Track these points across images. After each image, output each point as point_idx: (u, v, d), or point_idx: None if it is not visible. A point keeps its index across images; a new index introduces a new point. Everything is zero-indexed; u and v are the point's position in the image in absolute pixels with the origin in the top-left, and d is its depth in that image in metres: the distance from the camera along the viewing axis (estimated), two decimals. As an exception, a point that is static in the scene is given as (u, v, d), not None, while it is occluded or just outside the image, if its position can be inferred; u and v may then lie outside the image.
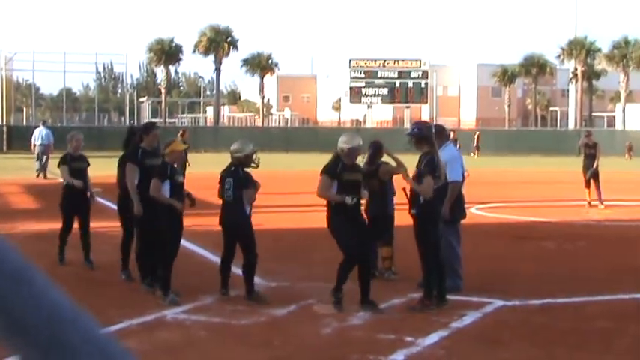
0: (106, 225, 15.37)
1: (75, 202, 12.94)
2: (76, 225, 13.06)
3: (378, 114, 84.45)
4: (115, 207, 12.58)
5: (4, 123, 66.99)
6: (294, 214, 19.95)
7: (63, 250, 13.07)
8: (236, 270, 12.33)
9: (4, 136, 60.45)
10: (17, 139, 56.52)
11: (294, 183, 24.67)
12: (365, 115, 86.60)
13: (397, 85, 73.70)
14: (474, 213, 21.52)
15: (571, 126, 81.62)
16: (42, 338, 1.02)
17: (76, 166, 12.93)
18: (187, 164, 19.88)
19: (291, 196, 24.59)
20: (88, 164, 13.21)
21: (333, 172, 10.18)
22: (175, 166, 10.82)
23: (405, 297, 10.62)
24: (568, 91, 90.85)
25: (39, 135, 34.40)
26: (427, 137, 10.38)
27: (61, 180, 13.40)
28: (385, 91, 74.13)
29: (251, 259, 10.50)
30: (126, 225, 11.81)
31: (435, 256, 10.17)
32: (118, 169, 11.85)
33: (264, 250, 11.23)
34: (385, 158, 11.99)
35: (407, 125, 79.29)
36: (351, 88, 73.70)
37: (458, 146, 32.96)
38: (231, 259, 10.76)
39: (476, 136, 62.61)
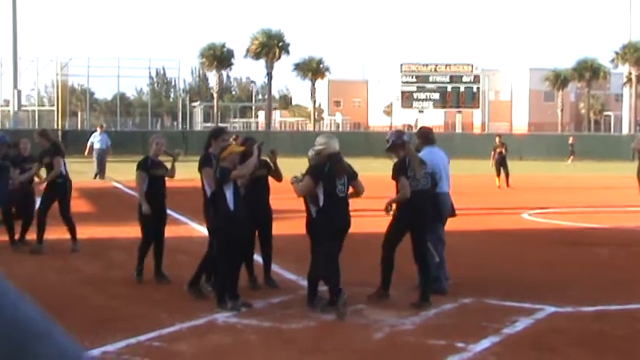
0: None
1: (154, 212, 12.05)
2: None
3: (429, 119, 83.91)
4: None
5: (60, 127, 67.79)
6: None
7: (142, 265, 12.14)
8: (284, 273, 12.38)
9: (60, 140, 61.19)
10: (72, 143, 57.19)
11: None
12: (416, 120, 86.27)
13: (449, 89, 73.29)
14: (526, 218, 21.37)
15: (625, 131, 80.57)
16: (12, 354, 0.99)
17: (155, 172, 12.21)
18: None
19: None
20: (167, 170, 12.44)
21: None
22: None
23: (456, 302, 10.56)
24: (622, 95, 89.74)
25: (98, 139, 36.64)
26: (396, 145, 10.82)
27: (118, 185, 13.36)
28: (437, 95, 73.75)
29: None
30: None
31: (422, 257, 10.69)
32: (200, 174, 11.31)
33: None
34: None
35: (458, 130, 79.03)
36: (402, 92, 73.44)
37: (504, 150, 32.47)
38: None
39: (570, 141, 57.85)
